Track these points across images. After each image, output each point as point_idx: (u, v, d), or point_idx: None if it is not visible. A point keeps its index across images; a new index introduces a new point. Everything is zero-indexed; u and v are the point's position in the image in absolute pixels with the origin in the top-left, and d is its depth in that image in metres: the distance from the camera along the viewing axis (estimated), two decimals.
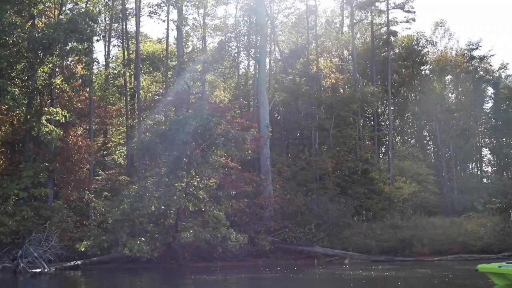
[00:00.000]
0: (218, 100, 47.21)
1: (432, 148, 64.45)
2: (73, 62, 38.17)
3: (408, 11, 55.56)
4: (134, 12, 43.85)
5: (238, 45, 50.49)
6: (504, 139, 64.37)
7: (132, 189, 31.85)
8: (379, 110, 60.68)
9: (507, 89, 64.03)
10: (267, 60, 51.99)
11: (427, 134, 64.48)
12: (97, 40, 36.48)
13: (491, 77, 65.32)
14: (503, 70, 66.52)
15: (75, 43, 33.95)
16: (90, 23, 33.91)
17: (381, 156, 55.96)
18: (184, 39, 47.48)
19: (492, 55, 65.79)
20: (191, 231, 30.18)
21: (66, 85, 34.50)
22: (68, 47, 33.52)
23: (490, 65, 65.67)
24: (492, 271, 17.59)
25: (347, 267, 29.82)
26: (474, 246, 37.98)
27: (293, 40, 53.99)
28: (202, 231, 30.35)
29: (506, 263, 17.72)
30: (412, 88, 62.49)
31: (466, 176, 61.21)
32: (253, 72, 49.19)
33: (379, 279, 23.80)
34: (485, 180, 63.70)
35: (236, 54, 51.10)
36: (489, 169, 68.72)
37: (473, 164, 67.69)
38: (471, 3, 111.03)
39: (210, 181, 32.75)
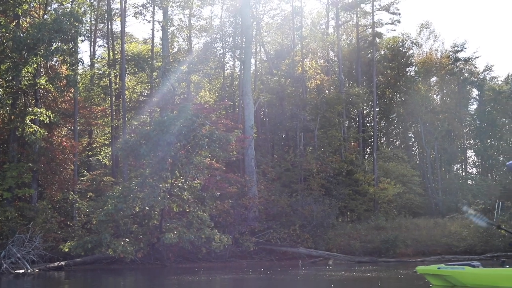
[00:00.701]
0: (203, 101, 47.27)
1: (417, 150, 64.72)
2: (57, 63, 38.10)
3: (393, 13, 55.96)
4: (120, 13, 43.76)
5: (224, 46, 50.58)
6: (488, 141, 64.68)
7: (116, 189, 31.84)
8: (364, 111, 60.97)
9: (491, 91, 64.36)
10: (253, 61, 52.09)
11: (412, 136, 64.74)
12: (82, 41, 36.44)
13: (476, 79, 65.58)
14: (487, 72, 66.89)
15: (59, 44, 33.86)
16: (75, 23, 33.83)
17: (366, 157, 56.15)
18: (169, 40, 47.50)
19: (477, 57, 65.98)
20: (175, 232, 30.25)
21: (51, 85, 34.36)
22: (52, 47, 33.33)
23: (475, 67, 65.99)
24: (431, 272, 17.80)
25: (330, 268, 29.90)
26: (457, 247, 38.21)
27: (278, 41, 54.08)
28: (186, 232, 30.41)
29: (445, 265, 17.93)
30: (397, 90, 62.73)
31: (451, 177, 61.46)
32: (238, 73, 49.24)
33: (360, 280, 23.91)
34: (469, 182, 63.99)
35: (221, 55, 51.16)
36: (474, 170, 69.10)
37: (458, 165, 67.98)
38: (456, 5, 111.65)
39: (195, 182, 32.74)
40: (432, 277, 18.05)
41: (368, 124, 61.01)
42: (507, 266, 17.78)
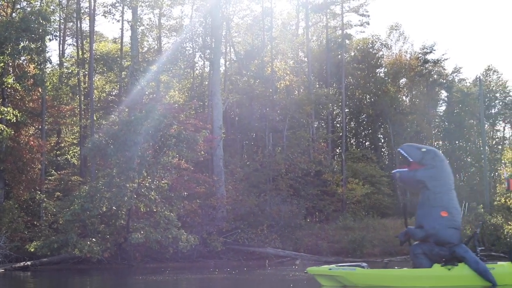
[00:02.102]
0: (172, 101, 47.24)
1: (386, 150, 65.17)
2: (25, 61, 37.90)
3: (363, 15, 56.46)
4: (89, 12, 43.59)
5: (194, 45, 50.57)
6: (456, 142, 65.34)
7: (83, 189, 31.76)
8: (334, 112, 61.29)
9: (460, 93, 65.04)
10: (223, 61, 52.21)
11: (381, 136, 65.17)
12: (50, 40, 36.13)
13: (444, 81, 66.17)
14: (456, 74, 67.46)
15: (27, 42, 33.69)
16: (43, 22, 33.69)
17: (335, 158, 56.43)
18: (139, 39, 47.41)
19: (446, 59, 66.59)
20: (142, 232, 30.29)
21: (18, 84, 34.18)
22: (20, 46, 33.21)
23: (444, 69, 66.53)
24: (322, 273, 18.12)
25: (296, 268, 30.06)
26: None
27: (249, 42, 54.18)
28: (153, 232, 30.47)
29: (336, 265, 18.28)
30: (367, 91, 63.13)
31: None
32: (208, 73, 49.26)
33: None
34: None
35: (191, 55, 51.13)
36: None
37: None
38: (426, 7, 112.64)
39: (162, 182, 32.78)
40: (323, 278, 18.32)
41: (338, 125, 61.31)
42: (396, 267, 18.84)
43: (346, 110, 61.89)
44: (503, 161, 45.55)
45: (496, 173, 60.08)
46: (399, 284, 17.31)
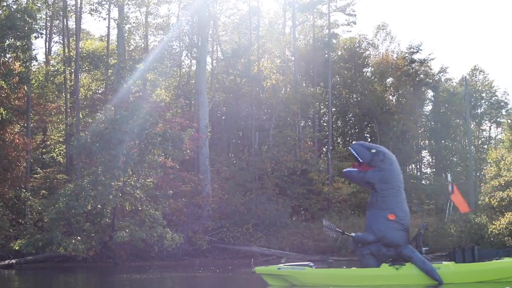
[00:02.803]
0: (159, 99, 47.23)
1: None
2: (11, 59, 37.78)
3: (349, 14, 56.63)
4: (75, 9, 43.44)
5: (180, 44, 50.56)
6: (443, 141, 65.56)
7: (68, 187, 31.71)
8: (321, 111, 61.40)
9: (446, 93, 65.29)
10: (210, 60, 52.24)
11: (368, 136, 65.29)
12: (36, 37, 36.03)
13: (431, 81, 66.29)
14: (442, 73, 67.56)
15: (12, 40, 33.62)
16: (29, 20, 33.62)
17: (321, 157, 56.53)
18: (125, 38, 47.32)
19: (432, 59, 66.59)
20: (127, 230, 30.31)
21: (3, 82, 34.10)
22: (5, 44, 33.13)
23: (430, 68, 66.62)
24: (271, 272, 18.23)
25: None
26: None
27: (235, 41, 54.22)
28: (138, 230, 30.50)
29: (284, 265, 18.39)
30: (353, 90, 63.23)
31: (405, 177, 62.07)
32: (195, 72, 49.26)
33: None
34: (423, 181, 64.88)
35: (178, 54, 51.11)
36: (428, 170, 69.98)
37: (413, 165, 68.78)
38: (413, 7, 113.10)
39: (148, 180, 32.79)
40: (270, 277, 18.40)
41: (324, 124, 61.42)
42: (345, 267, 18.92)
43: (333, 109, 62.00)
44: (488, 161, 45.73)
45: (482, 173, 60.36)
46: (348, 283, 17.57)
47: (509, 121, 59.41)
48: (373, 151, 18.21)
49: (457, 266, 17.48)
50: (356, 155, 18.14)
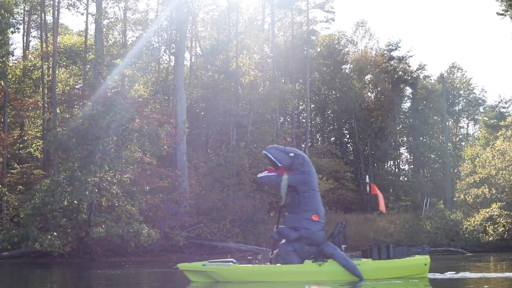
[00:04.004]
0: (137, 95, 47.15)
1: (351, 146, 65.65)
2: None
3: (328, 11, 56.90)
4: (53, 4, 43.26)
5: (159, 39, 50.49)
6: (421, 138, 66.05)
7: (44, 183, 31.63)
8: (300, 107, 61.62)
9: (424, 90, 65.74)
10: (188, 55, 52.20)
11: (347, 132, 65.64)
12: (13, 32, 35.86)
13: (409, 78, 66.76)
14: (421, 71, 68.03)
15: None
16: (6, 14, 33.47)
17: None
18: (104, 33, 47.16)
19: (411, 56, 67.28)
20: (103, 226, 30.29)
21: None
22: None
23: (409, 65, 67.12)
24: (196, 269, 18.37)
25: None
26: (384, 242, 38.91)
27: (214, 36, 54.23)
28: (114, 226, 30.46)
29: (209, 262, 18.55)
30: (332, 87, 63.52)
31: (383, 173, 62.62)
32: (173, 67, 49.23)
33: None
34: (401, 178, 65.35)
35: (156, 49, 51.03)
36: (406, 167, 70.47)
37: (391, 162, 69.23)
38: (391, 5, 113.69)
39: (124, 176, 32.77)
40: (194, 274, 18.51)
41: (303, 120, 61.66)
42: (268, 263, 18.88)
43: (312, 105, 62.37)
44: (464, 158, 46.15)
45: (459, 169, 60.94)
46: (273, 279, 17.83)
47: (485, 118, 60.08)
48: (292, 154, 18.42)
49: (374, 263, 18.00)
50: (274, 160, 18.27)
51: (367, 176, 23.69)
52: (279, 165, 18.22)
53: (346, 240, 18.88)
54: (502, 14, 57.52)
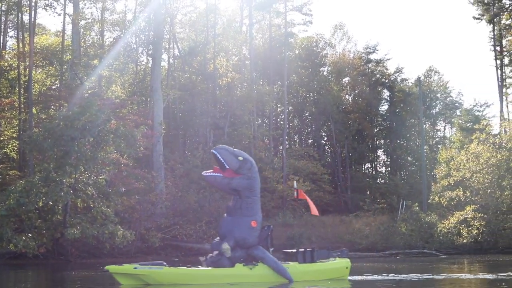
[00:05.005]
0: (114, 96, 47.01)
1: (329, 148, 65.84)
2: None
3: (306, 14, 57.07)
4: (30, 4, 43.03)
5: (137, 40, 50.39)
6: (398, 141, 66.40)
7: (18, 184, 31.45)
8: (278, 109, 61.73)
9: (401, 93, 66.10)
10: (166, 57, 52.17)
11: (324, 134, 65.83)
12: None
13: (386, 80, 67.14)
14: (398, 74, 68.37)
15: None
16: None
17: (278, 155, 56.80)
18: (81, 34, 47.01)
19: (388, 59, 67.79)
20: (78, 227, 30.19)
21: None
22: None
23: (386, 68, 67.56)
24: (127, 272, 18.37)
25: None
26: (360, 244, 39.24)
27: (192, 38, 54.22)
28: (89, 227, 30.35)
29: (140, 264, 18.60)
30: (310, 89, 63.70)
31: (360, 176, 62.90)
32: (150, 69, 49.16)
33: None
34: (378, 180, 65.63)
35: (134, 50, 50.92)
36: (383, 169, 70.77)
37: (368, 164, 69.52)
38: (369, 8, 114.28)
39: (100, 177, 32.68)
40: (124, 277, 18.49)
41: (282, 122, 61.80)
42: (200, 267, 19.09)
43: (290, 107, 62.59)
44: (440, 161, 46.48)
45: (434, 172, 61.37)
46: (205, 282, 18.07)
47: (460, 122, 60.53)
48: (241, 158, 18.52)
49: (301, 266, 18.55)
50: (223, 161, 18.32)
51: (294, 182, 23.91)
52: (227, 167, 18.28)
53: (273, 243, 19.18)
54: (478, 18, 58.35)
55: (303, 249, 19.06)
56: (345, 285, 18.24)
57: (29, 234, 29.97)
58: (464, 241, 36.74)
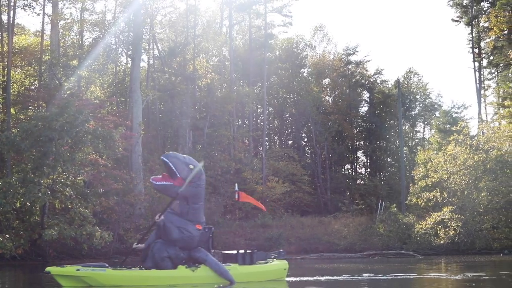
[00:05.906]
0: (93, 97, 46.87)
1: (309, 149, 66.03)
2: None
3: (286, 15, 57.22)
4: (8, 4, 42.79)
5: (116, 41, 50.28)
6: (377, 142, 66.74)
7: None
8: (258, 110, 61.86)
9: (381, 94, 66.46)
10: (146, 58, 52.10)
11: (304, 136, 66.02)
12: None
13: (366, 82, 67.48)
14: (378, 75, 68.77)
15: None
16: None
17: (257, 156, 56.94)
18: (60, 34, 46.83)
19: (368, 61, 68.01)
20: (56, 228, 30.09)
21: None
22: None
23: (366, 70, 67.93)
24: (69, 274, 18.40)
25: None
26: (338, 245, 39.36)
27: (172, 39, 54.21)
28: (67, 228, 30.22)
29: (83, 266, 18.66)
30: (290, 90, 63.91)
31: (340, 177, 63.11)
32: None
33: None
34: (358, 181, 65.88)
35: (113, 51, 50.80)
36: (363, 170, 71.08)
37: (348, 165, 69.79)
38: (349, 10, 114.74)
39: (78, 178, 32.61)
40: (65, 279, 18.49)
41: (262, 124, 61.92)
42: (143, 269, 18.81)
43: (270, 108, 62.74)
44: (418, 162, 46.75)
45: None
46: (148, 284, 18.12)
47: (438, 123, 60.96)
48: (191, 167, 18.49)
49: (241, 268, 18.77)
50: (174, 170, 18.30)
51: (236, 185, 24.09)
52: (178, 176, 18.25)
53: (214, 245, 19.41)
54: (456, 21, 58.87)
55: (242, 251, 19.27)
56: (283, 286, 18.52)
57: (7, 235, 29.76)
58: (441, 242, 36.96)
